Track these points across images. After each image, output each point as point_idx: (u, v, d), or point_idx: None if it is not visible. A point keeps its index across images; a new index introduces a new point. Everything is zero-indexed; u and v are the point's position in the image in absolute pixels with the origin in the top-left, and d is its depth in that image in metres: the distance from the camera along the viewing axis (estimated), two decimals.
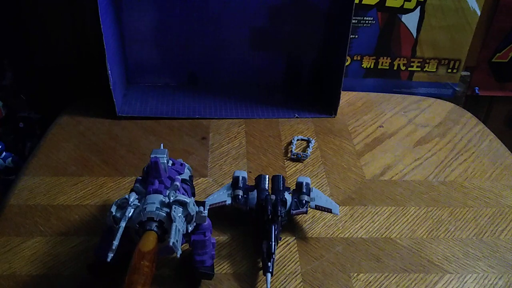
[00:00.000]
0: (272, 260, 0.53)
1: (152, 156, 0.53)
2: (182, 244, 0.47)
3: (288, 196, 0.59)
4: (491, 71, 0.96)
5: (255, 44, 0.88)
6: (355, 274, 0.56)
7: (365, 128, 0.82)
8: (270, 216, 0.56)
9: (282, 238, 0.60)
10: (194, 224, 0.50)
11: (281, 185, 0.61)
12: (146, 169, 0.54)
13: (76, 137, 0.77)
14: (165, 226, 0.47)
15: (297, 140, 0.78)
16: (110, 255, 0.43)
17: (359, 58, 0.92)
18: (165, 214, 0.47)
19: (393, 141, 0.79)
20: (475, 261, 0.58)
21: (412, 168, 0.73)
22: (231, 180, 0.62)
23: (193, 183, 0.61)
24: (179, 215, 0.47)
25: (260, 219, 0.57)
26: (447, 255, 0.59)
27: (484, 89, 0.99)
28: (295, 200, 0.60)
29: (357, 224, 0.63)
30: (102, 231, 0.51)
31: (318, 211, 0.62)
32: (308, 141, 0.77)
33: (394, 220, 0.64)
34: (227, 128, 0.80)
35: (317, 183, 0.69)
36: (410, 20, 0.88)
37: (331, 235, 0.61)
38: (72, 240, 0.58)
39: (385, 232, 0.62)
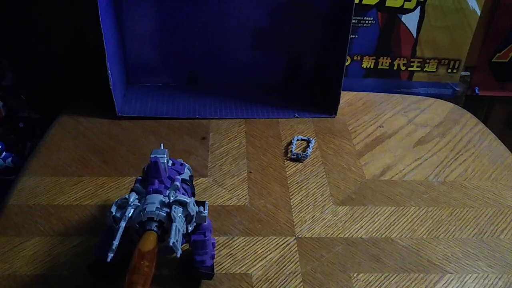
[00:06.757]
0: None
1: (152, 156, 0.53)
2: (182, 244, 0.47)
3: None
4: (491, 71, 0.96)
5: (255, 44, 0.88)
6: (355, 274, 0.56)
7: (365, 128, 0.82)
8: None
9: (282, 238, 0.60)
10: (194, 224, 0.50)
11: None
12: (146, 169, 0.54)
13: (76, 137, 0.77)
14: (165, 226, 0.47)
15: (297, 140, 0.78)
16: (110, 255, 0.43)
17: (359, 58, 0.92)
18: (165, 214, 0.47)
19: (393, 141, 0.79)
20: (475, 261, 0.58)
21: (412, 168, 0.73)
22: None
23: (193, 183, 0.61)
24: (179, 215, 0.47)
25: None
26: (447, 255, 0.59)
27: (484, 89, 0.99)
28: None
29: (357, 224, 0.63)
30: (102, 231, 0.51)
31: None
32: (308, 141, 0.77)
33: (394, 220, 0.64)
34: (227, 128, 0.80)
35: (317, 183, 0.69)
36: (410, 20, 0.88)
37: (331, 235, 0.61)
38: (72, 240, 0.58)
39: (385, 232, 0.62)
